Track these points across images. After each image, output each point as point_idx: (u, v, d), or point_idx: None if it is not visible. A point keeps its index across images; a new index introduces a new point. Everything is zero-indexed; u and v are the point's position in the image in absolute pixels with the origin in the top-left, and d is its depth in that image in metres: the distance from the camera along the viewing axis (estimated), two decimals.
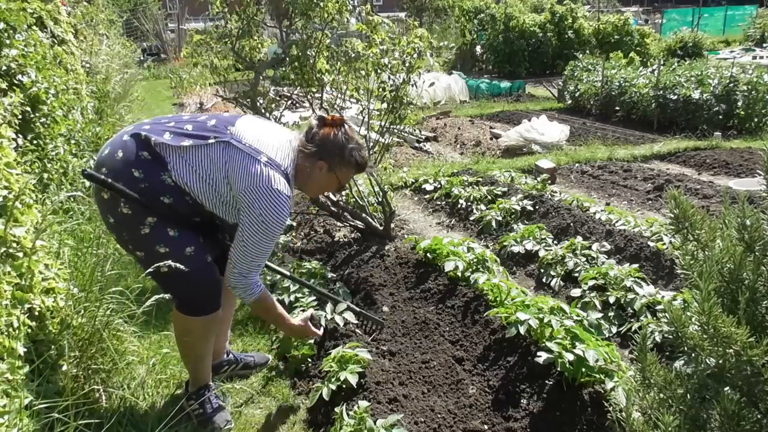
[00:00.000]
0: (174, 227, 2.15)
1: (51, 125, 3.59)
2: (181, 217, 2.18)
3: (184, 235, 2.16)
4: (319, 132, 2.25)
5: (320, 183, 2.33)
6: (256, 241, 2.09)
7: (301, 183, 2.32)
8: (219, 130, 2.17)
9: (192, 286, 2.21)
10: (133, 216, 2.10)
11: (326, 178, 2.29)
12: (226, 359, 2.74)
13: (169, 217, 2.15)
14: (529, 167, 6.38)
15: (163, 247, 2.12)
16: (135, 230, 2.12)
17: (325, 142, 2.24)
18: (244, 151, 2.12)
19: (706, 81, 8.32)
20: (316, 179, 2.29)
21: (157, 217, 2.12)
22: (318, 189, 2.47)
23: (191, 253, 2.17)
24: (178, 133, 2.15)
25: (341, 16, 3.82)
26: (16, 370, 1.74)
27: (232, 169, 2.10)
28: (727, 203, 1.49)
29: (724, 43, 21.24)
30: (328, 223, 4.67)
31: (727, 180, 5.91)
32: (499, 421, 2.30)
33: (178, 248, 2.14)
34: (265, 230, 2.09)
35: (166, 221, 2.14)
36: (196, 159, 2.12)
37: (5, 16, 3.13)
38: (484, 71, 15.96)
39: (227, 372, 2.74)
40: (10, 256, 1.98)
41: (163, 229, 2.13)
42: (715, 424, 1.29)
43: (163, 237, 2.13)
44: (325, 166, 2.25)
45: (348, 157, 2.26)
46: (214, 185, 2.13)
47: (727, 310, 1.31)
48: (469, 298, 3.13)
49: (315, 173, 2.27)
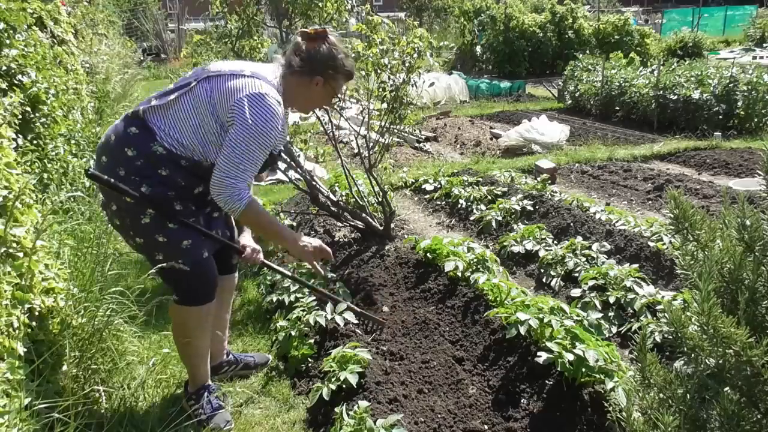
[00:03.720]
0: (174, 221, 2.18)
1: (51, 125, 3.60)
2: (182, 194, 2.19)
3: (182, 230, 2.19)
4: (308, 47, 2.23)
5: (315, 98, 2.33)
6: (245, 147, 2.06)
7: (295, 100, 2.31)
8: (197, 73, 2.23)
9: (186, 277, 2.21)
10: (135, 205, 2.14)
11: (323, 91, 2.28)
12: (226, 360, 2.73)
13: (170, 202, 2.17)
14: (529, 167, 6.38)
15: (161, 236, 2.17)
16: (136, 218, 2.16)
17: (315, 56, 2.23)
18: (225, 74, 2.15)
19: (706, 81, 8.32)
20: (312, 94, 2.29)
21: (156, 209, 2.16)
22: (312, 104, 2.42)
23: (187, 246, 2.20)
24: (162, 94, 2.21)
25: (340, 15, 3.82)
26: (16, 370, 1.74)
27: (217, 97, 2.12)
28: (727, 203, 1.49)
29: (724, 43, 21.23)
30: (328, 223, 4.67)
31: (727, 180, 5.91)
32: (499, 421, 2.30)
33: (175, 239, 2.18)
34: (254, 135, 2.06)
35: (167, 213, 2.17)
36: (183, 108, 2.14)
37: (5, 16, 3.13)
38: (484, 71, 15.95)
39: (227, 373, 2.73)
40: (10, 256, 1.98)
41: (163, 221, 2.17)
42: (715, 424, 1.29)
43: (162, 228, 2.17)
44: (321, 80, 2.25)
45: (341, 67, 2.27)
46: (205, 130, 2.14)
47: (727, 310, 1.31)
48: (469, 298, 3.13)
49: (312, 89, 2.26)
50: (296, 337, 2.81)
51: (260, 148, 2.09)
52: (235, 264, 2.66)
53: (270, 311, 3.28)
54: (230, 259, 2.61)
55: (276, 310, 3.20)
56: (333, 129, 4.30)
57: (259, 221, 2.22)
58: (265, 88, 2.12)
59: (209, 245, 2.33)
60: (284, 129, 2.26)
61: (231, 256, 2.59)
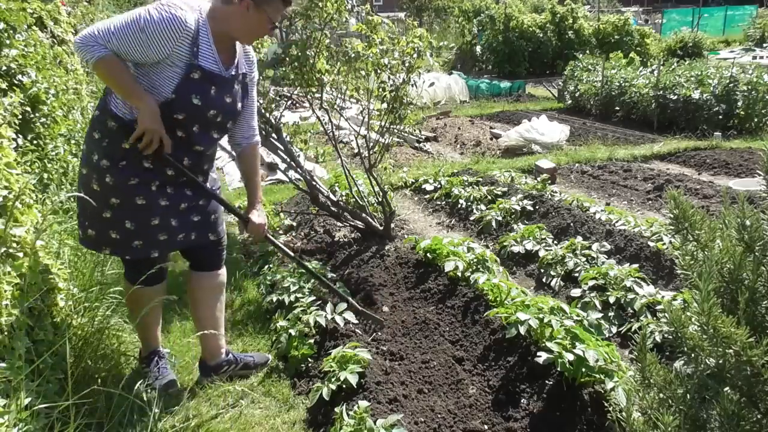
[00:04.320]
0: (132, 220, 2.27)
1: (51, 125, 3.59)
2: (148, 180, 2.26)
3: (136, 231, 2.29)
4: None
5: (250, 25, 2.24)
6: (120, 19, 2.08)
7: (232, 29, 2.25)
8: None
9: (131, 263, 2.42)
10: (101, 195, 2.24)
11: (255, 17, 2.21)
12: (225, 359, 2.72)
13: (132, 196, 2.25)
14: (529, 167, 6.38)
15: (115, 233, 2.29)
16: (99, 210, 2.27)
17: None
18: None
19: (706, 81, 8.32)
20: (245, 20, 2.22)
21: (121, 200, 2.24)
22: (249, 32, 2.31)
23: (138, 246, 2.32)
24: None
25: (340, 15, 3.82)
26: (16, 370, 1.74)
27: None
28: (727, 203, 1.49)
29: (724, 43, 21.24)
30: (328, 223, 4.67)
31: (727, 180, 5.91)
32: (499, 421, 2.30)
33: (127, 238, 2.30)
34: (135, 17, 2.06)
35: (129, 208, 2.26)
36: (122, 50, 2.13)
37: (5, 16, 3.13)
38: (484, 71, 15.96)
39: (227, 372, 2.72)
40: (10, 256, 1.97)
41: (122, 219, 2.27)
42: (715, 424, 1.29)
43: (119, 226, 2.28)
44: (251, 4, 2.18)
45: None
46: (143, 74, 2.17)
47: (727, 310, 1.31)
48: (469, 298, 3.13)
49: (242, 15, 2.20)
50: (296, 337, 2.81)
51: (135, 30, 2.05)
52: (221, 259, 2.65)
53: (270, 311, 3.28)
54: (212, 255, 2.61)
55: (276, 310, 3.20)
56: (333, 129, 4.30)
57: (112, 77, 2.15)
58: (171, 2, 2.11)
59: (171, 244, 2.41)
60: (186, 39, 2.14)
61: (210, 255, 2.60)
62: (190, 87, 2.20)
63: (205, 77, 2.21)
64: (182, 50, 2.14)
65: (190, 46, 2.15)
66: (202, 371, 2.69)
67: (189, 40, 2.13)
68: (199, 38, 2.17)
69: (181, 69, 2.16)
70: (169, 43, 2.09)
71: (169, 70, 2.16)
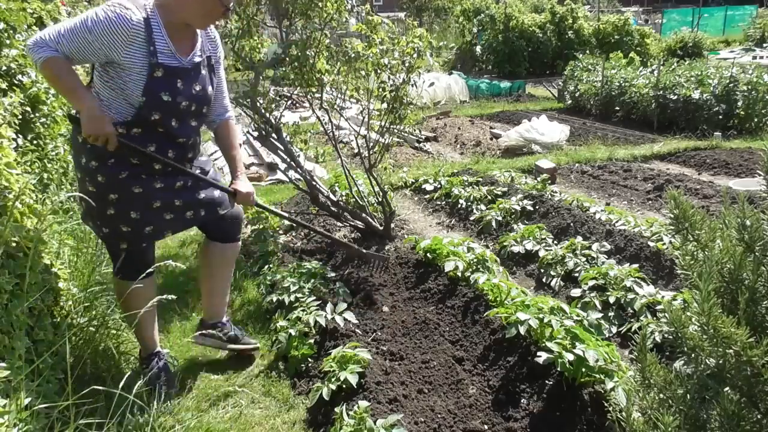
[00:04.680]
0: (137, 208, 2.33)
1: (51, 125, 3.59)
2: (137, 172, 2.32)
3: (145, 218, 2.35)
4: None
5: (201, 8, 2.25)
6: (72, 21, 2.12)
7: (180, 16, 2.25)
8: None
9: (124, 256, 2.43)
10: (99, 196, 2.30)
11: (206, 1, 2.23)
12: (221, 322, 2.84)
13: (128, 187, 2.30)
14: (529, 167, 6.38)
15: (125, 226, 2.36)
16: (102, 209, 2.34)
17: None
18: None
19: (706, 81, 8.32)
20: (196, 6, 2.23)
21: (119, 195, 2.30)
22: (203, 16, 2.30)
23: (150, 232, 2.40)
24: None
25: (340, 15, 3.82)
26: (16, 370, 1.74)
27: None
28: (727, 203, 1.49)
29: (724, 43, 21.24)
30: (328, 223, 4.67)
31: (727, 180, 5.90)
32: (499, 421, 2.30)
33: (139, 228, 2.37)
34: (84, 18, 2.10)
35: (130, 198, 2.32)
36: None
37: (5, 16, 3.13)
38: (484, 71, 15.95)
39: (217, 335, 2.80)
40: (10, 256, 1.97)
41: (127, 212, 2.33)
42: (715, 424, 1.29)
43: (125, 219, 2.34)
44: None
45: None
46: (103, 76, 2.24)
47: (727, 310, 1.31)
48: (469, 298, 3.13)
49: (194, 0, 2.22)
50: (296, 337, 2.81)
51: (83, 31, 2.09)
52: (238, 230, 2.76)
53: (270, 311, 3.28)
54: (233, 226, 2.71)
55: (276, 310, 3.20)
56: (333, 129, 4.30)
57: (56, 77, 2.17)
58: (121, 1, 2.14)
59: (180, 223, 2.49)
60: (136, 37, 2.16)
61: (228, 226, 2.69)
62: (157, 85, 2.23)
63: (168, 73, 2.25)
64: (138, 51, 2.17)
65: (145, 46, 2.17)
66: (199, 327, 2.85)
67: (140, 38, 2.16)
68: (153, 35, 2.19)
69: (144, 70, 2.20)
70: (116, 42, 2.12)
71: (134, 71, 2.19)
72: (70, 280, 2.52)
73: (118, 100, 2.25)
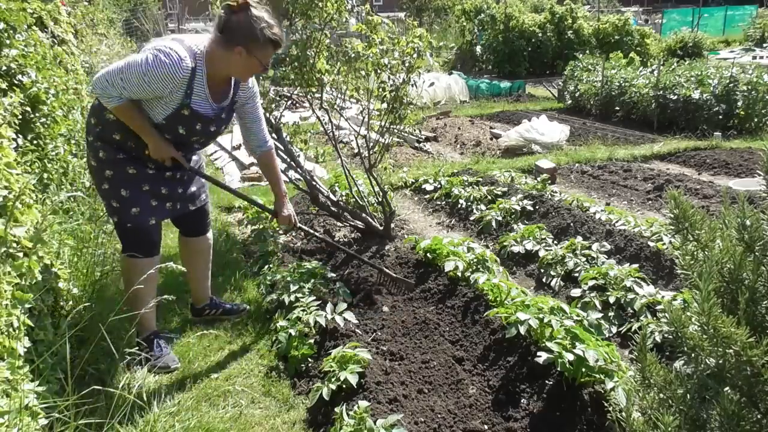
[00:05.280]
0: (127, 187, 2.59)
1: (51, 125, 3.59)
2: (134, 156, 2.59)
3: (133, 198, 2.60)
4: (229, 19, 2.45)
5: (242, 66, 2.52)
6: (127, 66, 2.36)
7: (225, 69, 2.55)
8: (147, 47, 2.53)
9: (131, 234, 2.68)
10: (97, 170, 2.61)
11: (247, 61, 2.49)
12: (208, 303, 3.20)
13: (123, 166, 2.57)
14: (529, 167, 6.38)
15: (115, 202, 2.61)
16: (99, 184, 2.65)
17: (234, 27, 2.44)
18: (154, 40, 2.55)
19: (706, 81, 8.31)
20: (238, 64, 2.50)
21: (114, 172, 2.57)
22: (244, 72, 2.60)
23: (136, 213, 2.62)
24: None
25: (340, 15, 3.82)
26: (16, 370, 1.74)
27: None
28: (727, 203, 1.49)
29: (724, 43, 21.23)
30: (328, 223, 4.67)
31: (727, 180, 5.91)
32: (499, 421, 2.30)
33: (126, 206, 2.61)
34: (138, 63, 2.35)
35: (122, 178, 2.58)
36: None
37: (5, 16, 3.13)
38: (484, 71, 15.95)
39: (209, 315, 3.20)
40: (10, 256, 1.97)
41: (118, 187, 2.59)
42: (715, 424, 1.29)
43: (116, 194, 2.60)
44: (243, 50, 2.45)
45: (261, 37, 2.45)
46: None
47: (727, 310, 1.31)
48: (469, 298, 3.13)
49: (235, 59, 2.47)
50: (296, 337, 2.81)
51: (138, 74, 2.35)
52: (206, 226, 3.06)
53: (270, 311, 3.28)
54: (200, 223, 3.02)
55: (276, 310, 3.20)
56: (333, 129, 4.30)
57: (129, 119, 2.50)
58: (172, 45, 2.39)
59: (161, 212, 2.72)
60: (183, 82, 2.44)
61: (201, 219, 3.01)
62: (178, 120, 2.53)
63: (192, 115, 2.55)
64: (177, 90, 2.45)
65: (184, 88, 2.46)
66: (192, 313, 3.24)
67: (185, 83, 2.45)
68: (194, 81, 2.48)
69: (175, 104, 2.49)
70: (168, 86, 2.40)
71: (166, 102, 2.48)
72: (70, 280, 2.52)
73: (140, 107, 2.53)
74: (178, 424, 2.26)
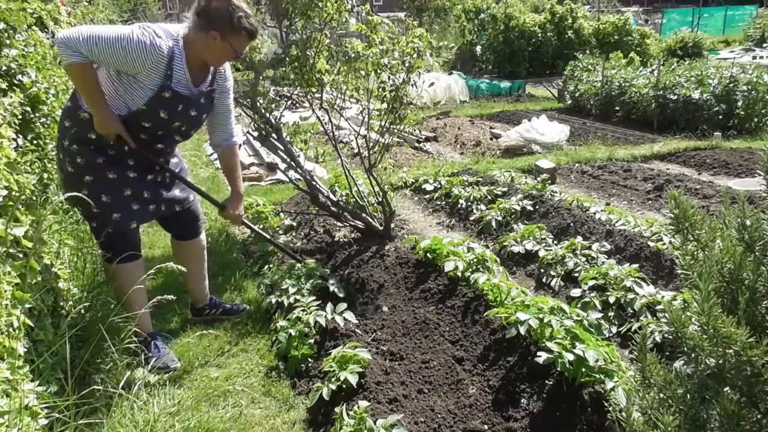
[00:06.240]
0: (107, 193, 2.57)
1: (51, 125, 3.59)
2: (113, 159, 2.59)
3: (113, 203, 2.59)
4: (208, 5, 2.48)
5: (217, 52, 2.55)
6: (108, 33, 2.33)
7: (199, 53, 2.55)
8: None
9: (111, 239, 2.63)
10: (74, 177, 2.58)
11: (221, 46, 2.52)
12: (208, 303, 3.23)
13: (103, 170, 2.56)
14: (529, 167, 6.38)
15: (95, 208, 2.55)
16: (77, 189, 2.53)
17: (211, 13, 2.48)
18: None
19: (706, 81, 8.32)
20: (212, 48, 2.53)
21: (94, 177, 2.55)
22: (217, 57, 2.61)
23: (117, 218, 2.60)
24: None
25: (340, 15, 3.82)
26: (16, 370, 1.74)
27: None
28: (727, 203, 1.49)
29: (724, 43, 21.24)
30: (328, 223, 4.67)
31: (727, 180, 5.91)
32: (499, 421, 2.30)
33: (107, 211, 2.59)
34: (117, 32, 2.34)
35: (102, 183, 2.56)
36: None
37: (5, 16, 3.13)
38: (484, 71, 15.95)
39: (210, 314, 3.23)
40: (10, 256, 1.97)
41: (98, 193, 2.55)
42: (715, 424, 1.29)
43: (97, 201, 2.54)
44: (218, 35, 2.48)
45: (237, 25, 2.48)
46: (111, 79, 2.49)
47: (727, 310, 1.31)
48: (469, 298, 3.13)
49: (210, 43, 2.50)
50: (296, 337, 2.81)
51: (117, 47, 2.33)
52: (196, 229, 3.06)
53: (270, 311, 3.28)
54: (189, 227, 3.02)
55: (276, 310, 3.20)
56: (333, 129, 4.30)
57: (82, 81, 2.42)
58: (155, 28, 2.43)
59: (143, 215, 2.72)
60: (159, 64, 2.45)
61: (191, 222, 3.01)
62: (160, 103, 2.52)
63: (174, 97, 2.54)
64: (157, 72, 2.45)
65: (164, 70, 2.46)
66: (192, 313, 3.26)
67: (163, 64, 2.44)
68: (174, 63, 2.48)
69: (155, 87, 2.48)
70: (144, 63, 2.40)
71: (145, 86, 2.47)
72: (70, 280, 2.52)
73: (119, 97, 2.50)
74: (178, 424, 2.26)
